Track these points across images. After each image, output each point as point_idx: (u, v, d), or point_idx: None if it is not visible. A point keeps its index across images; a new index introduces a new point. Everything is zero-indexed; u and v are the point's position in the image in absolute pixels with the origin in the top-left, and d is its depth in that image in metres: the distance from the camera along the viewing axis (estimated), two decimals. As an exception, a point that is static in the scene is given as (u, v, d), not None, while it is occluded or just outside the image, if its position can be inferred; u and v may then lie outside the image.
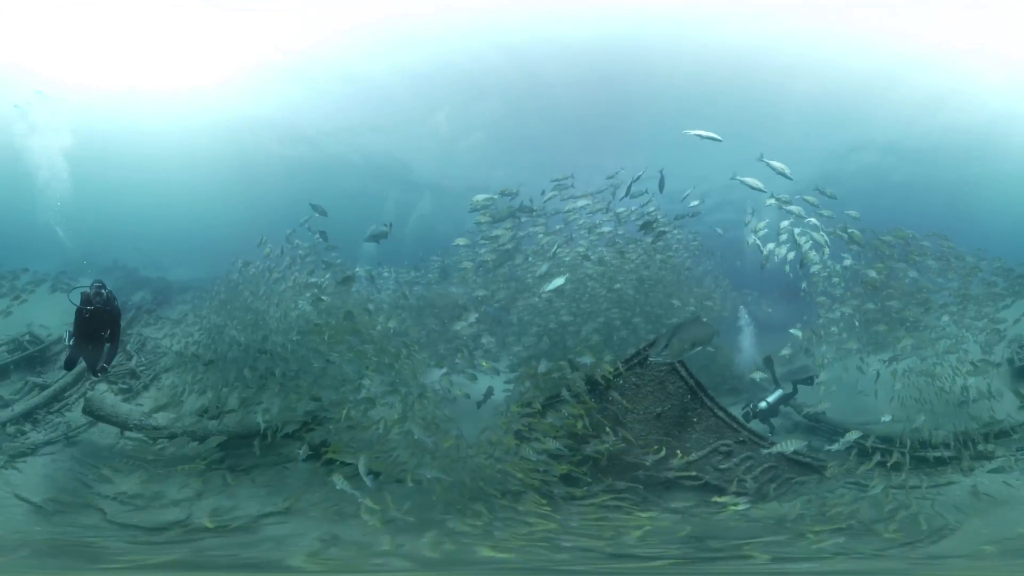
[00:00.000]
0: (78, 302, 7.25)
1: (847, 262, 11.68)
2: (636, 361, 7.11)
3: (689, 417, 7.19)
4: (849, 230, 11.67)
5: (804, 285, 13.05)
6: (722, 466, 7.04)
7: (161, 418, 5.65)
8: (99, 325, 7.11)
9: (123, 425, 5.79)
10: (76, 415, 6.49)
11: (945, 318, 10.82)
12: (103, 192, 33.90)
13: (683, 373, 7.08)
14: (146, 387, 7.10)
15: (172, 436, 5.64)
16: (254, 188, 34.27)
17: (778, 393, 9.86)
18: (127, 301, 14.05)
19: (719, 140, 10.98)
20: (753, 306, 17.28)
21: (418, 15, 22.87)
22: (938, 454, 7.65)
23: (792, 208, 10.90)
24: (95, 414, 5.81)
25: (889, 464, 7.22)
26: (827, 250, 11.69)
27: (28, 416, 6.64)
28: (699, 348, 6.80)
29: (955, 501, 6.67)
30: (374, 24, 23.19)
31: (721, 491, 6.83)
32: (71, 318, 7.38)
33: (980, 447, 7.59)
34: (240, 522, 5.06)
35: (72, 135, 25.66)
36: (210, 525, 4.95)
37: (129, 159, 30.66)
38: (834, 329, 12.01)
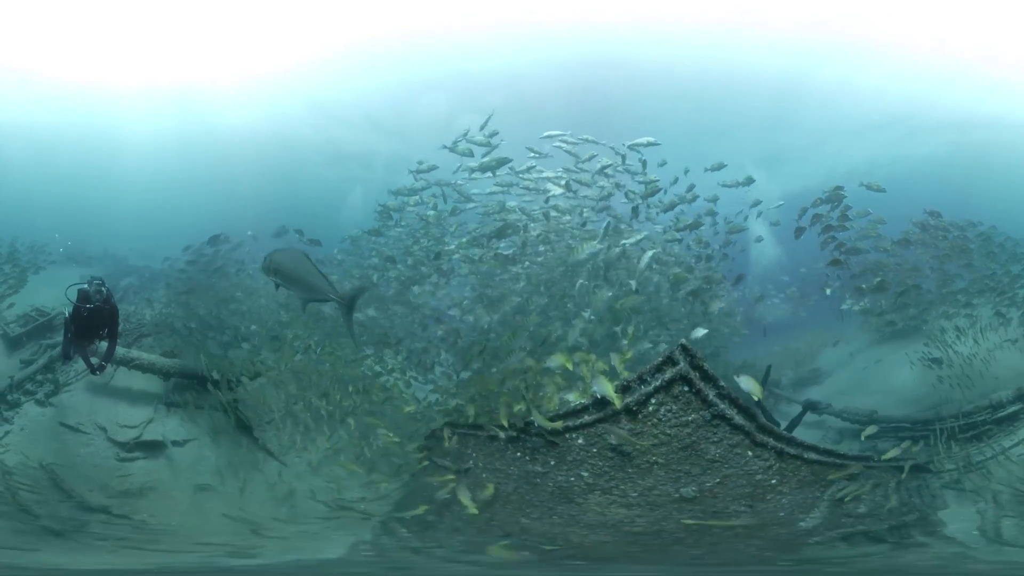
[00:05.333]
0: (74, 298, 7.73)
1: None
2: (643, 396, 5.25)
3: (761, 482, 5.37)
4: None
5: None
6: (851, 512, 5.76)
7: (136, 354, 8.98)
8: (98, 323, 7.73)
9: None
10: (81, 364, 9.80)
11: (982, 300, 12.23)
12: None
13: (730, 412, 5.23)
14: (129, 346, 10.36)
15: (140, 368, 8.94)
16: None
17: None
18: (116, 285, 17.43)
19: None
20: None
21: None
22: (1006, 413, 7.91)
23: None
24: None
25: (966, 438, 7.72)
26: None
27: (48, 368, 9.99)
28: None
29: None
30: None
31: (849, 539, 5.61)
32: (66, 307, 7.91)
33: None
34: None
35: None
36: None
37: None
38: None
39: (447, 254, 12.81)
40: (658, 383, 5.28)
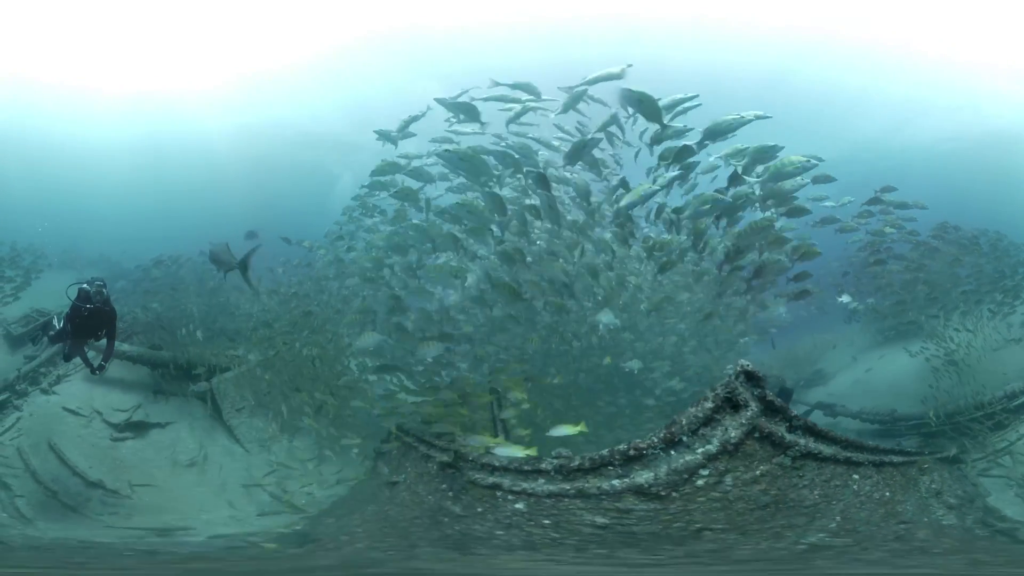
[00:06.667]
0: (74, 297, 7.99)
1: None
2: (681, 473, 3.93)
3: (884, 499, 5.08)
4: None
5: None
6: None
7: (127, 347, 10.61)
8: (97, 324, 8.02)
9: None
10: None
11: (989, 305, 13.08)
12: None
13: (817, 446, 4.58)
14: (122, 342, 12.03)
15: (132, 360, 10.56)
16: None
17: None
18: (112, 286, 18.98)
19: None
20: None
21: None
22: (1021, 401, 8.59)
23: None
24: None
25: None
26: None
27: (50, 362, 11.61)
28: None
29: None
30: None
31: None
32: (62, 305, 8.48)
33: None
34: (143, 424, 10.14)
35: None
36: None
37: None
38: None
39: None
40: (714, 447, 3.87)
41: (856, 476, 4.89)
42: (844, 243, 15.10)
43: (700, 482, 3.92)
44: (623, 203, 9.47)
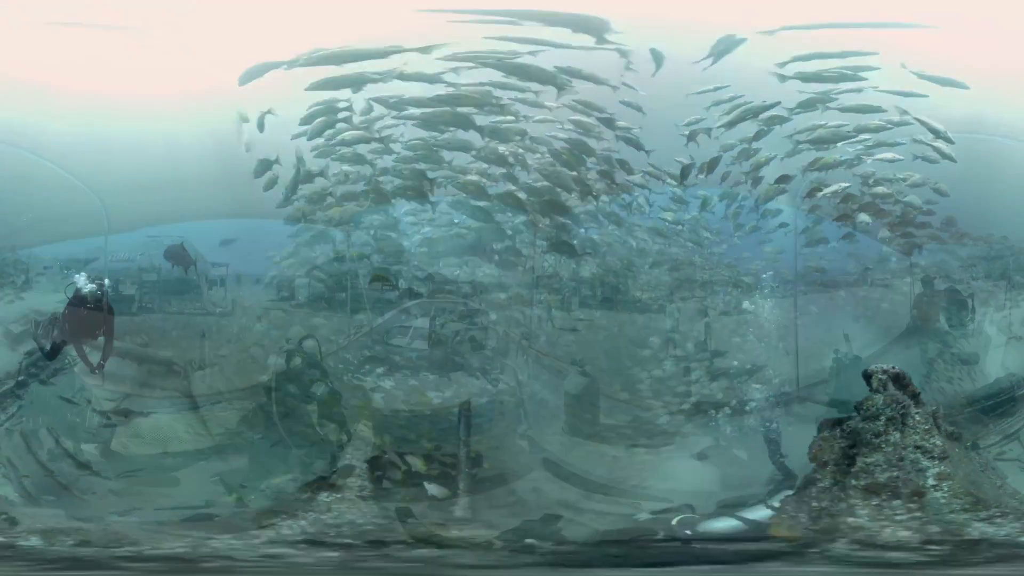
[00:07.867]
0: (72, 295, 8.29)
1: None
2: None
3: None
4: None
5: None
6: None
7: (117, 343, 12.09)
8: (95, 323, 8.54)
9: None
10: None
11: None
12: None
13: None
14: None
15: (122, 355, 12.09)
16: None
17: None
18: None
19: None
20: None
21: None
22: None
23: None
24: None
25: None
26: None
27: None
28: None
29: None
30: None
31: None
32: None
33: None
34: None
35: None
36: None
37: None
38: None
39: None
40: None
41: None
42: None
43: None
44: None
